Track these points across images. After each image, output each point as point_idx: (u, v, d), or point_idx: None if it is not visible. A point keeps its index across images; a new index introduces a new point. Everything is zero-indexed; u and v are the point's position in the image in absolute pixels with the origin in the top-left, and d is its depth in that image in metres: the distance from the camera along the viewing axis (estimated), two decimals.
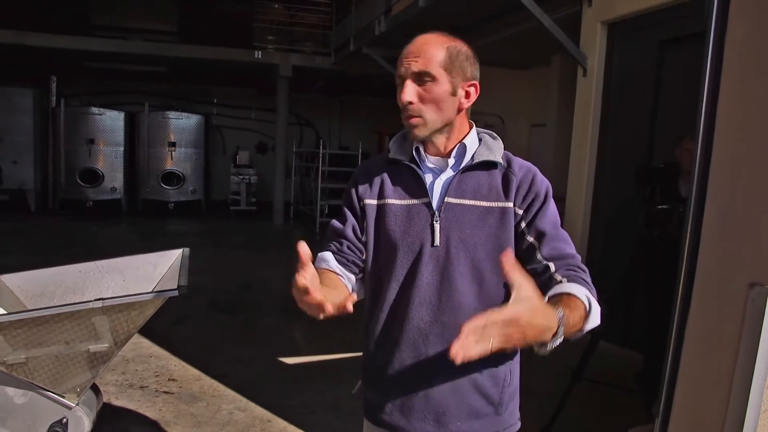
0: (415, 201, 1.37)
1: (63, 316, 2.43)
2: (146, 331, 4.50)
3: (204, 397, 3.56)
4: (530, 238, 1.33)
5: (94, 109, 11.07)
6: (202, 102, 13.25)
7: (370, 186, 1.42)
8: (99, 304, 2.41)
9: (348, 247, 1.43)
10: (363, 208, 1.41)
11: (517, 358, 1.46)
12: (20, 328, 2.42)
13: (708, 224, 1.92)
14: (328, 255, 1.43)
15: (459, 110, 1.35)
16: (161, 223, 10.60)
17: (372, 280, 1.44)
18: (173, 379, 3.79)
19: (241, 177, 11.97)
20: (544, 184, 1.37)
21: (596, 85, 5.02)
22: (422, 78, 1.29)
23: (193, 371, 3.94)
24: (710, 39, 1.94)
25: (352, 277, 1.43)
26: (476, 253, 1.32)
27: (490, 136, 1.43)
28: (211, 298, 5.80)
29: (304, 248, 1.05)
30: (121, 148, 11.24)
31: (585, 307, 1.19)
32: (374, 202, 1.40)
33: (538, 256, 1.31)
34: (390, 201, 1.39)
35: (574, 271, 1.30)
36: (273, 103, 11.30)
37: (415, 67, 1.29)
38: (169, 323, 4.87)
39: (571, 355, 3.68)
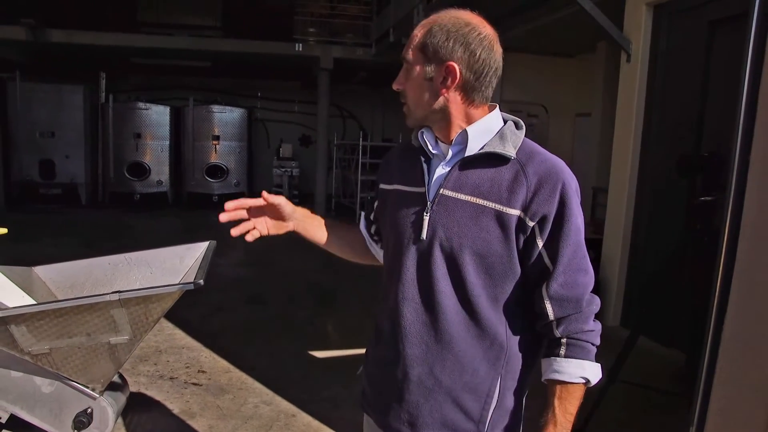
0: (413, 189, 1.29)
1: (82, 308, 2.45)
2: (180, 322, 4.58)
3: (231, 389, 3.57)
4: (547, 261, 1.18)
5: (141, 105, 11.34)
6: (245, 96, 13.39)
7: (388, 170, 1.41)
8: (116, 296, 2.42)
9: (374, 226, 1.51)
10: (379, 191, 1.42)
11: (515, 377, 1.26)
12: (42, 320, 2.46)
13: (747, 217, 1.76)
14: (363, 222, 1.55)
15: (441, 96, 1.20)
16: (205, 215, 10.73)
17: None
18: (203, 371, 3.82)
19: (284, 170, 12.05)
20: (568, 191, 1.16)
21: (641, 70, 4.78)
22: (404, 63, 1.24)
23: (223, 363, 3.96)
24: (753, 17, 1.78)
25: (377, 246, 1.52)
26: (460, 254, 1.19)
27: (516, 124, 1.27)
28: (247, 290, 5.84)
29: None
30: (167, 142, 11.48)
31: (582, 385, 1.21)
32: (386, 186, 1.38)
33: (544, 292, 1.19)
34: (397, 187, 1.34)
35: (574, 323, 1.20)
36: (316, 95, 11.32)
37: (404, 50, 1.24)
38: (204, 315, 4.93)
39: (606, 353, 3.51)
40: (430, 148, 1.28)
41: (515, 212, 1.16)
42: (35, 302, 2.93)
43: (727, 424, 1.86)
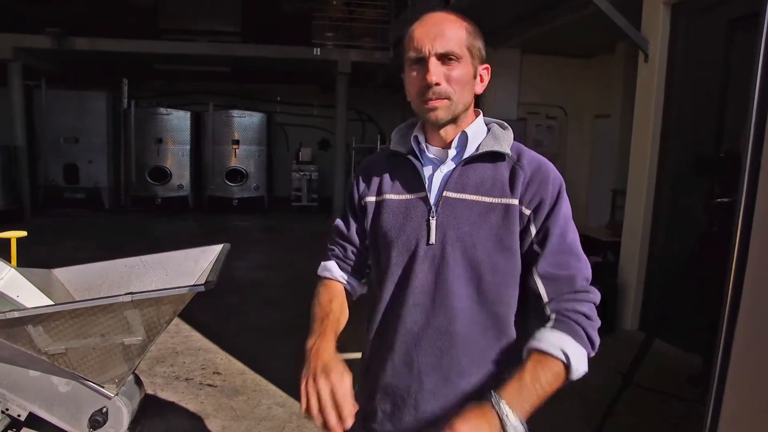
0: (412, 196, 1.27)
1: (96, 309, 2.49)
2: (197, 324, 4.63)
3: (245, 391, 3.59)
4: (536, 246, 1.20)
5: (162, 110, 11.53)
6: (265, 100, 13.52)
7: (370, 182, 1.34)
8: (129, 298, 2.45)
9: (353, 252, 1.38)
10: (364, 206, 1.34)
11: None
12: (58, 320, 2.50)
13: (759, 220, 1.73)
14: (331, 264, 1.40)
15: (473, 95, 1.26)
16: (225, 219, 10.90)
17: (372, 281, 1.37)
18: (218, 373, 3.85)
19: (303, 173, 12.13)
20: (557, 181, 1.23)
21: (659, 70, 4.72)
22: (447, 58, 1.18)
23: (238, 365, 3.99)
24: (765, 14, 1.74)
25: (356, 283, 1.41)
26: (474, 253, 1.20)
27: (500, 125, 1.32)
28: (265, 293, 5.88)
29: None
30: (188, 147, 11.65)
31: (562, 362, 1.11)
32: (373, 199, 1.32)
33: (534, 272, 1.19)
34: (388, 196, 1.30)
35: (567, 302, 1.16)
36: (334, 99, 11.38)
37: (441, 46, 1.18)
38: (221, 318, 4.97)
39: (620, 357, 3.47)
40: (429, 153, 1.28)
41: (514, 202, 1.20)
42: (52, 303, 2.99)
43: (739, 429, 1.82)
